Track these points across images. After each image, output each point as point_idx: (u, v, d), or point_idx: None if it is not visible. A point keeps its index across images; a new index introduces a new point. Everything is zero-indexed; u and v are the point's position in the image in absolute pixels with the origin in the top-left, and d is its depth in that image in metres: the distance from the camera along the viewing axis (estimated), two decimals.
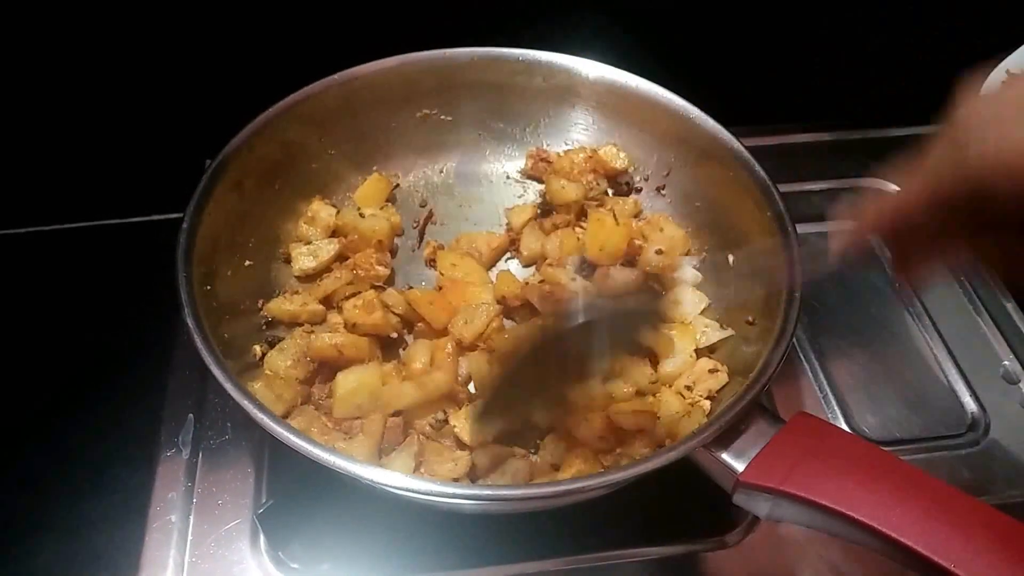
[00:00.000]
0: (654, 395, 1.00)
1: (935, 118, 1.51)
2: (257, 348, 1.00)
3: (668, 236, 1.11)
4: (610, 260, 1.11)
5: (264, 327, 1.05)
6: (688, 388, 0.98)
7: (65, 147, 1.33)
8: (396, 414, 0.95)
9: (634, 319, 0.94)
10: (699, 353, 1.03)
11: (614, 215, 1.12)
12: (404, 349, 1.05)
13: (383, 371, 0.99)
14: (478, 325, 1.02)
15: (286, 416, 0.95)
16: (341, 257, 1.12)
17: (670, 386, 1.00)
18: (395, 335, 1.04)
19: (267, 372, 0.98)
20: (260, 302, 1.06)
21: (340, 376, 0.96)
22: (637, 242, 1.12)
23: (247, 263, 1.06)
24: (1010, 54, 1.35)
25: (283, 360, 0.98)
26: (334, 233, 1.14)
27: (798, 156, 1.40)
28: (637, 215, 1.19)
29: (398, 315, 1.05)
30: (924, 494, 0.73)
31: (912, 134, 1.43)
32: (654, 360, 1.03)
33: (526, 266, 1.17)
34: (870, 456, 0.78)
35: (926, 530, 0.70)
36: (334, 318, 1.05)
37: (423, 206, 1.23)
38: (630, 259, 1.12)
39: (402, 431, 0.95)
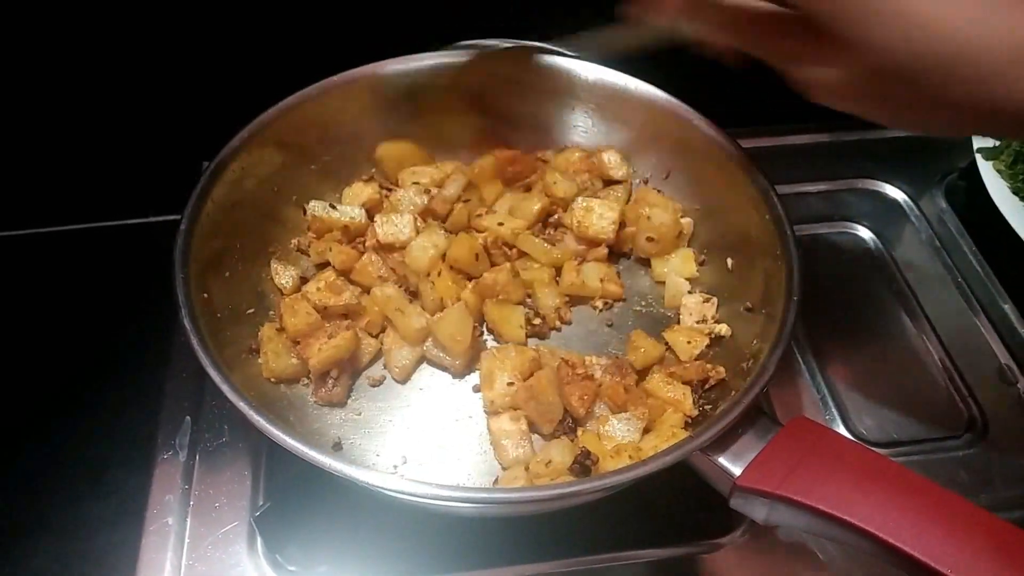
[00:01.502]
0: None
1: None
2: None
3: (657, 223, 1.11)
4: (594, 242, 1.12)
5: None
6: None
7: (63, 149, 1.33)
8: None
9: None
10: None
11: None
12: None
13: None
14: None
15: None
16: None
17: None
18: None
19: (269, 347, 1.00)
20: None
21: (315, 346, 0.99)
22: (630, 229, 1.14)
23: (244, 265, 1.05)
24: None
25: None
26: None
27: (796, 158, 1.40)
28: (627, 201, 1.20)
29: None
30: (921, 499, 0.73)
31: (908, 136, 1.43)
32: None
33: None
34: (867, 460, 0.78)
35: (923, 535, 0.70)
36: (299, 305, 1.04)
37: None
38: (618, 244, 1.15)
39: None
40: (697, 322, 1.06)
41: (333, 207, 1.12)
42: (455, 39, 1.17)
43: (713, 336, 1.04)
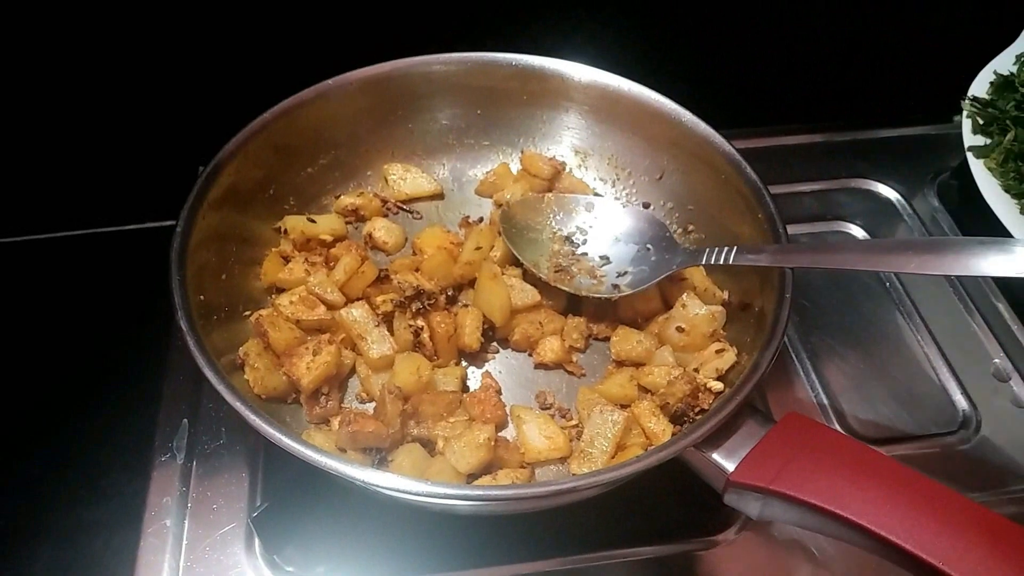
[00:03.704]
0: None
1: (923, 120, 1.54)
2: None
3: (691, 315, 1.02)
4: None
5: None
6: (695, 370, 0.99)
7: (59, 157, 1.34)
8: None
9: None
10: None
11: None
12: None
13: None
14: None
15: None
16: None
17: (651, 394, 1.01)
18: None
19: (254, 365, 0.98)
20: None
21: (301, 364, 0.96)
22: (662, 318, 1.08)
23: (240, 267, 1.06)
24: (997, 56, 1.36)
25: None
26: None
27: (789, 158, 1.41)
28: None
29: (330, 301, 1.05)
30: (914, 492, 0.74)
31: (901, 135, 1.44)
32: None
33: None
34: (860, 455, 0.78)
35: (915, 528, 0.71)
36: (279, 320, 1.02)
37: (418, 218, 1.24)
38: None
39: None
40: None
41: (311, 220, 1.13)
42: (451, 44, 1.18)
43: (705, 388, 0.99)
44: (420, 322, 1.03)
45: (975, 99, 1.30)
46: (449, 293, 1.07)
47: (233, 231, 1.06)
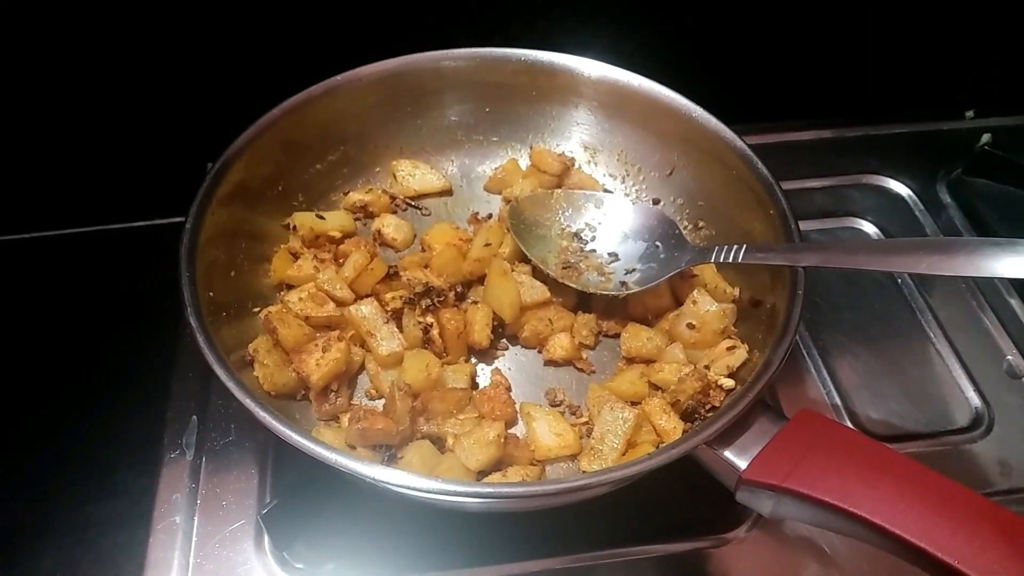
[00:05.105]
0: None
1: (934, 116, 1.53)
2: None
3: (703, 311, 1.02)
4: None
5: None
6: (706, 367, 0.98)
7: (67, 154, 1.34)
8: None
9: None
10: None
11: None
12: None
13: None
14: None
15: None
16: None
17: (661, 391, 1.00)
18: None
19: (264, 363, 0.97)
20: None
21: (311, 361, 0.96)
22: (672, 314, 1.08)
23: (249, 263, 1.06)
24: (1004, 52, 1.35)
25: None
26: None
27: (800, 154, 1.40)
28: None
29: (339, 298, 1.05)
30: (927, 490, 0.73)
31: (912, 131, 1.44)
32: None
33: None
34: (873, 452, 0.78)
35: (930, 526, 0.70)
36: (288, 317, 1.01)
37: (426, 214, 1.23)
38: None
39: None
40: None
41: (320, 216, 1.13)
42: (460, 40, 1.18)
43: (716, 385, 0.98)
44: (429, 319, 1.03)
45: None
46: (458, 290, 1.06)
47: (242, 228, 1.05)
